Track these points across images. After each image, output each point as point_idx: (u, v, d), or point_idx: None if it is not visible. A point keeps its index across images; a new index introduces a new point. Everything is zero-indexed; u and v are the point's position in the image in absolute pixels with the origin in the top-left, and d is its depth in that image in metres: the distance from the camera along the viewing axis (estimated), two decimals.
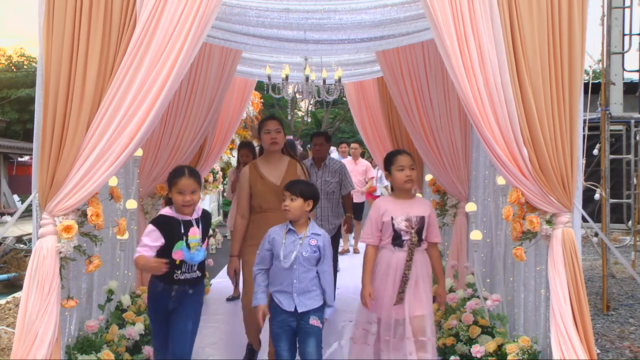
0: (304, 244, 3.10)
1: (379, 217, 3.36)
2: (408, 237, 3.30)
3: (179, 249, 2.99)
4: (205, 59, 4.84)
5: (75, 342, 3.28)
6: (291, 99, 6.88)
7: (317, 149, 5.54)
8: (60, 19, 2.86)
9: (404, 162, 3.35)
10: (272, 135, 3.87)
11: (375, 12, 3.92)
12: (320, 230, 3.19)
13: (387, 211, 3.34)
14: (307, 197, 3.13)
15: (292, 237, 3.13)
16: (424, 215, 3.35)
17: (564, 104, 3.02)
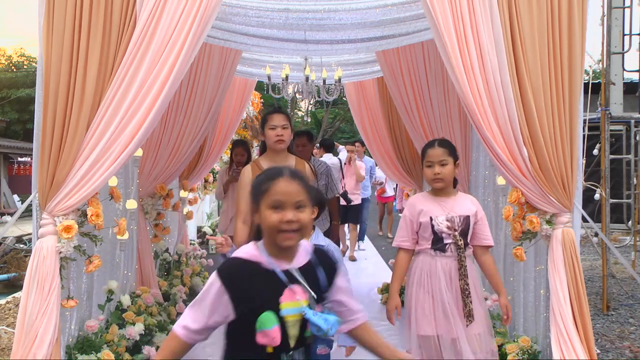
0: None
1: (414, 217, 2.96)
2: (451, 240, 2.88)
3: (267, 327, 1.71)
4: (205, 59, 4.84)
5: (75, 342, 3.28)
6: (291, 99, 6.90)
7: (300, 149, 5.00)
8: (60, 19, 2.86)
9: (432, 156, 2.92)
10: (277, 132, 3.40)
11: (375, 12, 3.92)
12: (324, 240, 2.76)
13: (424, 210, 2.94)
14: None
15: None
16: (468, 215, 2.93)
17: (563, 104, 3.02)
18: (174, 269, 5.70)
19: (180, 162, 4.99)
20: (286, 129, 3.43)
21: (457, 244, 2.86)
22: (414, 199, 3.09)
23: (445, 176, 2.91)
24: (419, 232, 2.96)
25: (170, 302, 5.02)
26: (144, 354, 3.76)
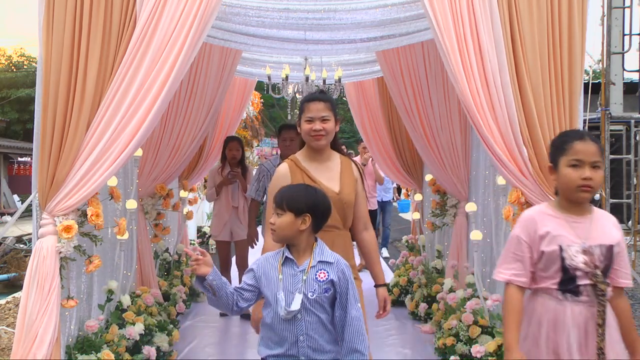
0: (310, 279, 2.13)
1: (534, 242, 2.13)
2: (588, 281, 2.07)
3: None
4: (205, 59, 4.84)
5: (75, 342, 3.28)
6: (291, 99, 6.84)
7: (287, 144, 4.64)
8: (60, 19, 2.86)
9: (584, 153, 2.11)
10: (314, 126, 2.68)
11: (375, 12, 3.93)
12: (332, 255, 2.22)
13: (550, 234, 2.10)
14: (299, 211, 2.15)
15: (291, 270, 2.17)
16: (612, 244, 2.11)
17: (563, 104, 3.02)
18: (174, 269, 5.70)
19: (180, 162, 4.99)
20: (327, 121, 2.70)
21: (598, 286, 2.06)
22: (532, 214, 2.20)
23: (596, 184, 2.08)
24: (538, 264, 2.15)
25: (170, 302, 5.02)
26: (144, 354, 3.76)
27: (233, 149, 5.54)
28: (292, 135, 4.61)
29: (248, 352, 4.53)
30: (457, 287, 4.44)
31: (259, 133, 12.58)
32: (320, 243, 2.25)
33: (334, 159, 2.81)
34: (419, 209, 6.25)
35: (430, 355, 4.29)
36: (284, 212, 2.17)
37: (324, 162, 2.76)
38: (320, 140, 2.71)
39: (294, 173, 2.71)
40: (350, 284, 2.18)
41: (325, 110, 2.70)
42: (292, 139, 4.60)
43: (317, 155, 2.77)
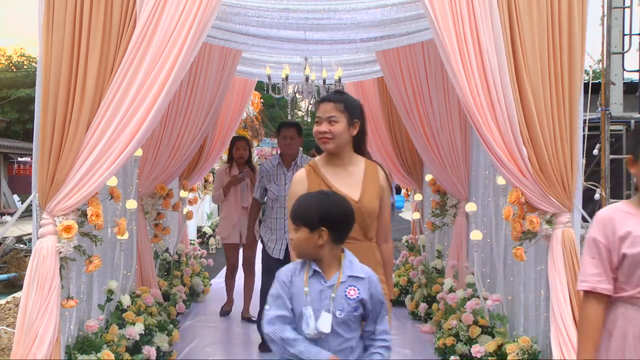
0: (339, 296, 1.94)
1: (613, 244, 1.93)
2: None
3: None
4: (205, 59, 4.84)
5: (75, 342, 3.28)
6: (291, 99, 6.83)
7: (287, 143, 4.43)
8: (60, 19, 2.86)
9: None
10: (320, 127, 2.51)
11: (375, 12, 3.93)
12: (362, 269, 2.03)
13: (633, 235, 1.89)
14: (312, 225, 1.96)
15: (319, 285, 1.97)
16: None
17: (563, 104, 3.02)
18: (174, 269, 5.70)
19: (180, 162, 4.99)
20: (335, 122, 2.49)
21: None
22: (609, 214, 1.98)
23: None
24: (619, 269, 1.93)
25: (170, 302, 5.02)
26: (144, 354, 3.76)
27: (240, 148, 5.46)
28: (292, 133, 4.45)
29: (248, 352, 4.53)
30: (457, 287, 4.44)
31: (259, 133, 12.58)
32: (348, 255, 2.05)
33: (357, 164, 2.57)
34: (419, 209, 6.25)
35: (430, 355, 4.29)
36: (299, 228, 2.00)
37: (345, 167, 2.55)
38: (326, 143, 2.50)
39: (311, 179, 2.52)
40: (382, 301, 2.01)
41: (334, 111, 2.49)
42: (292, 137, 4.43)
43: (337, 160, 2.55)
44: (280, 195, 4.32)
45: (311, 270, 1.99)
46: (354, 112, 2.54)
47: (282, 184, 4.37)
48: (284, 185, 4.33)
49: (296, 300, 1.96)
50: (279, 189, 4.36)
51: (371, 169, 2.57)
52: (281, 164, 4.43)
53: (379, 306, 2.00)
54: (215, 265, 6.90)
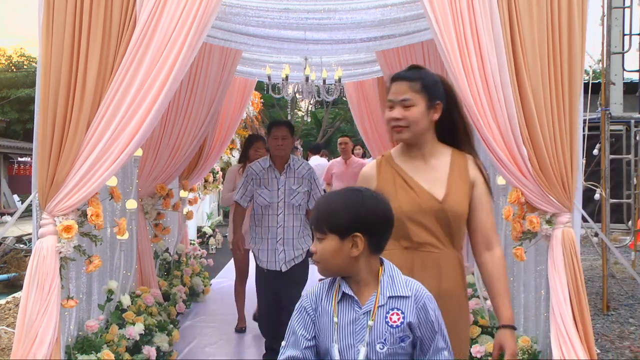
0: (378, 324, 1.53)
1: None
2: None
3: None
4: (205, 59, 4.84)
5: (75, 342, 3.28)
6: (291, 99, 6.82)
7: (279, 144, 4.02)
8: (60, 19, 2.86)
9: None
10: (392, 113, 2.05)
11: (375, 12, 3.93)
12: (407, 284, 1.59)
13: None
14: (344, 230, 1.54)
15: (352, 312, 1.56)
16: None
17: (563, 104, 3.02)
18: (174, 269, 5.70)
19: (180, 162, 4.99)
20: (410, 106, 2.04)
21: None
22: None
23: None
24: None
25: (170, 302, 5.02)
26: (144, 354, 3.76)
27: (260, 148, 5.03)
28: (284, 132, 4.05)
29: (248, 352, 4.53)
30: None
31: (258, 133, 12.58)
32: (388, 268, 1.60)
33: (441, 156, 2.12)
34: None
35: None
36: (325, 235, 1.56)
37: (426, 159, 2.10)
38: (401, 132, 2.03)
39: (382, 173, 2.08)
40: (437, 324, 1.56)
41: (409, 92, 2.02)
42: (284, 137, 4.03)
43: (415, 151, 2.10)
44: (273, 202, 3.99)
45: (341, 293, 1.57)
46: (435, 91, 2.11)
47: (274, 189, 3.99)
48: (277, 191, 3.99)
49: (324, 333, 1.54)
50: (271, 195, 4.00)
51: (459, 162, 2.11)
52: (272, 166, 4.04)
53: (432, 334, 1.55)
54: (215, 265, 6.90)
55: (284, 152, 4.04)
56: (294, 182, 4.00)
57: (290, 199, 3.98)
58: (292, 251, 4.00)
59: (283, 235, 3.98)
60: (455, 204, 2.02)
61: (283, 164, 4.04)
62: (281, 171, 4.03)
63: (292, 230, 4.00)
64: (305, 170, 4.07)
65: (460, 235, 2.09)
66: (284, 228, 3.98)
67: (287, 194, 3.98)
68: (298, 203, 3.99)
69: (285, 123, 4.24)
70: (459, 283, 2.04)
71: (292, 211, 3.99)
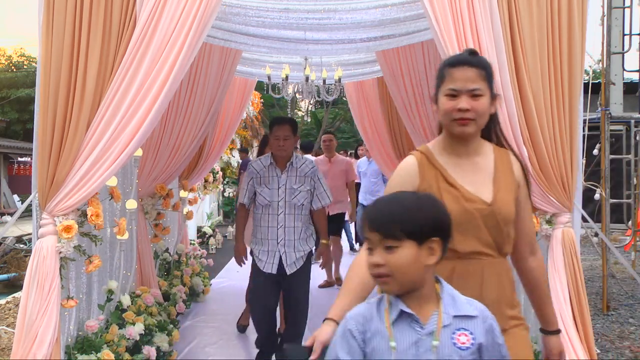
0: (444, 347, 1.35)
1: None
2: None
3: None
4: (205, 59, 4.84)
5: (75, 342, 3.28)
6: (291, 99, 6.80)
7: (281, 144, 3.85)
8: (60, 19, 2.86)
9: None
10: (460, 104, 1.79)
11: (375, 12, 3.92)
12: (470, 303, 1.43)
13: None
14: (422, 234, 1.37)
15: (412, 333, 1.36)
16: None
17: (563, 104, 3.02)
18: (174, 269, 5.70)
19: (180, 162, 4.99)
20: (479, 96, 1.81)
21: None
22: None
23: None
24: None
25: (170, 302, 5.02)
26: (144, 354, 3.76)
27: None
28: (287, 132, 3.84)
29: (247, 352, 4.53)
30: None
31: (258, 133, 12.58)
32: (446, 285, 1.43)
33: (485, 153, 1.89)
34: None
35: None
36: (400, 243, 1.34)
37: (470, 157, 1.87)
38: (467, 125, 1.79)
39: (424, 173, 1.84)
40: (504, 348, 1.42)
41: (478, 81, 1.79)
42: (287, 137, 3.84)
43: (460, 147, 1.86)
44: (273, 201, 3.84)
45: (396, 311, 1.36)
46: (492, 81, 1.87)
47: (274, 187, 3.85)
48: (277, 190, 3.84)
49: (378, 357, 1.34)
50: (271, 194, 3.85)
51: (503, 159, 1.90)
52: (273, 164, 3.89)
53: (499, 353, 1.39)
54: (215, 265, 6.90)
55: (285, 153, 3.87)
56: (295, 181, 3.85)
57: (291, 198, 3.83)
58: (293, 253, 3.84)
59: (284, 236, 3.82)
60: (504, 207, 1.82)
61: (285, 162, 3.89)
62: (283, 169, 3.87)
63: (293, 231, 3.83)
64: (308, 169, 3.90)
65: (510, 240, 1.88)
66: (285, 229, 3.83)
67: (288, 193, 3.83)
68: (300, 203, 3.85)
69: (288, 121, 3.98)
70: (507, 293, 1.86)
71: (294, 211, 3.84)
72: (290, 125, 3.90)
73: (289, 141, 3.85)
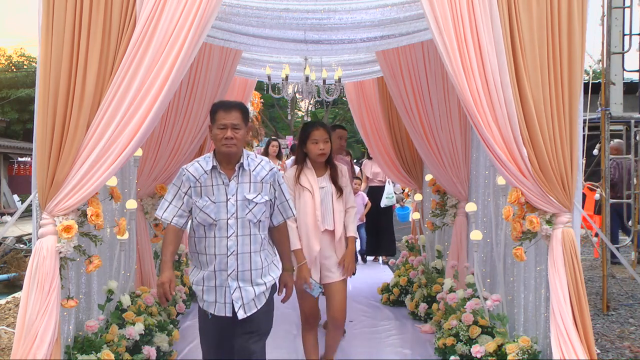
0: None
1: None
2: None
3: None
4: (205, 59, 4.84)
5: (75, 342, 3.28)
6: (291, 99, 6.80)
7: (228, 136, 2.79)
8: (60, 19, 2.86)
9: None
10: None
11: (375, 12, 3.93)
12: None
13: None
14: None
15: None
16: None
17: (563, 104, 3.02)
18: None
19: (180, 162, 4.98)
20: None
21: None
22: None
23: None
24: None
25: (170, 302, 5.02)
26: (144, 354, 3.76)
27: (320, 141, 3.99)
28: (236, 119, 2.81)
29: None
30: (457, 287, 4.44)
31: (259, 133, 12.58)
32: None
33: None
34: (419, 209, 6.25)
35: (430, 355, 4.29)
36: None
37: None
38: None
39: None
40: None
41: None
42: (236, 126, 2.82)
43: None
44: (220, 219, 2.79)
45: None
46: None
47: (221, 199, 2.80)
48: (225, 203, 2.79)
49: None
50: (217, 209, 2.79)
51: None
52: (217, 168, 2.84)
53: None
54: None
55: (234, 149, 2.82)
56: (249, 190, 2.83)
57: (244, 213, 2.80)
58: (251, 288, 2.84)
59: (236, 266, 2.80)
60: None
61: (233, 163, 2.85)
62: (230, 175, 2.83)
63: (249, 258, 2.82)
64: (265, 172, 2.90)
65: None
66: (238, 256, 2.80)
67: (240, 206, 2.80)
68: (257, 219, 2.83)
69: (236, 106, 2.87)
70: None
71: (249, 231, 2.82)
72: (240, 111, 2.85)
73: (239, 132, 2.81)
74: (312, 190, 3.53)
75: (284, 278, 3.06)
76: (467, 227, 4.70)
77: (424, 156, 5.15)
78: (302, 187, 3.55)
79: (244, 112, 2.87)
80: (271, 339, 3.06)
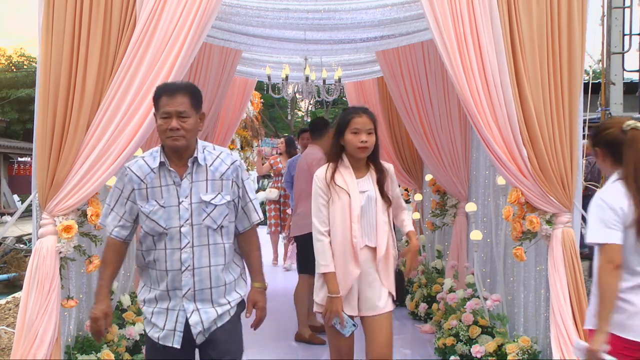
0: None
1: None
2: None
3: None
4: (205, 59, 4.84)
5: (75, 342, 3.28)
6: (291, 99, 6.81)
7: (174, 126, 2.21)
8: (60, 19, 2.87)
9: None
10: None
11: (375, 12, 3.93)
12: None
13: None
14: None
15: None
16: None
17: (563, 104, 3.03)
18: None
19: None
20: None
21: None
22: None
23: None
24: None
25: None
26: (143, 354, 3.76)
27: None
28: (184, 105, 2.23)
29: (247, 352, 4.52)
30: (457, 287, 4.44)
31: (259, 133, 12.59)
32: None
33: None
34: (419, 209, 6.25)
35: (430, 355, 4.28)
36: None
37: None
38: None
39: None
40: None
41: None
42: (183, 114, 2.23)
43: None
44: (172, 227, 2.25)
45: None
46: None
47: (172, 203, 2.26)
48: (177, 206, 2.26)
49: None
50: (167, 215, 2.26)
51: None
52: (166, 165, 2.28)
53: None
54: None
55: (181, 142, 2.24)
56: (206, 189, 2.28)
57: (201, 218, 2.26)
58: (212, 309, 2.30)
59: (192, 283, 2.27)
60: None
61: (185, 158, 2.29)
62: (183, 172, 2.28)
63: (209, 274, 2.29)
64: (226, 166, 2.33)
65: None
66: (194, 271, 2.27)
67: (195, 210, 2.26)
68: (217, 224, 2.29)
69: (182, 88, 2.26)
70: None
71: (208, 240, 2.28)
72: (187, 94, 2.25)
73: (188, 121, 2.23)
74: (350, 194, 2.74)
75: (254, 295, 2.42)
76: (467, 227, 4.70)
77: (424, 156, 5.15)
78: (338, 189, 2.74)
79: (193, 96, 2.27)
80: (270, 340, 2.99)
